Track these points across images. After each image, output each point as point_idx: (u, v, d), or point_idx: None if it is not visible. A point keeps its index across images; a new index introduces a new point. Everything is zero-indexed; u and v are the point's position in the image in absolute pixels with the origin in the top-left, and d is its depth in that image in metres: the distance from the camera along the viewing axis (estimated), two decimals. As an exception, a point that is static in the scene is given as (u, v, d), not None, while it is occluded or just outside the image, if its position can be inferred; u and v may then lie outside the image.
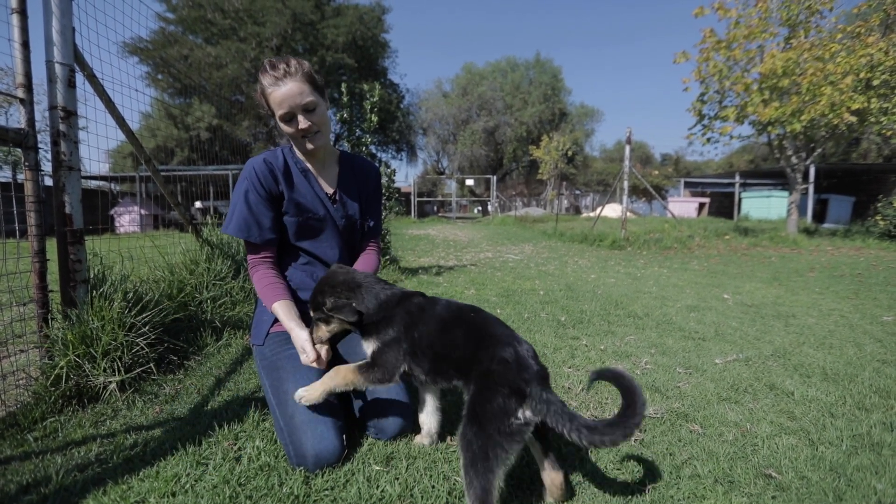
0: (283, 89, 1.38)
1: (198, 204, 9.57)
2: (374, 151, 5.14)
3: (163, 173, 2.83)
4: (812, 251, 7.34)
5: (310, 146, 1.49)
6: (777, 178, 19.41)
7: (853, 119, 7.69)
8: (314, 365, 1.35)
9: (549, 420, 1.02)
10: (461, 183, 29.21)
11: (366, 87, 4.78)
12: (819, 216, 15.73)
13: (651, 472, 1.29)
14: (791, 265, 5.77)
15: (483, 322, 1.22)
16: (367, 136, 4.74)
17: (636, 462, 1.34)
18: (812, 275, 4.97)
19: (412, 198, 21.78)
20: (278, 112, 1.42)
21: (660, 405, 1.72)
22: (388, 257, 4.97)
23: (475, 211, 30.89)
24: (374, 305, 1.28)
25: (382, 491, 1.19)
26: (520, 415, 1.02)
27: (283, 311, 1.42)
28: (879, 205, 9.28)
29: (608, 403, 1.74)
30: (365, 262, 1.69)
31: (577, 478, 1.27)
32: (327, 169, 1.65)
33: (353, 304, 1.27)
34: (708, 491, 1.21)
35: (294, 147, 1.61)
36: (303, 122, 1.42)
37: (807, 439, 1.48)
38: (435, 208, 29.18)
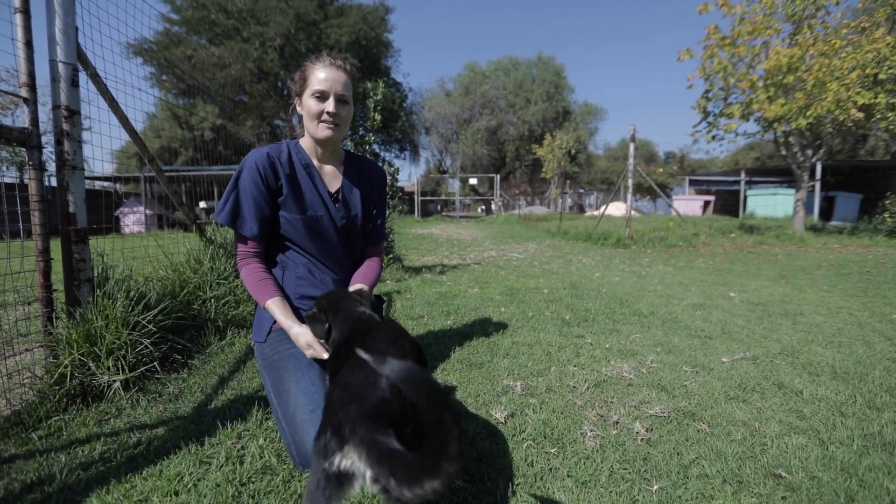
0: (331, 73, 1.45)
1: (202, 204, 9.61)
2: (377, 150, 5.14)
3: (167, 173, 2.83)
4: (819, 249, 7.27)
5: (326, 133, 1.49)
6: (783, 176, 19.27)
7: (860, 115, 7.61)
8: (324, 356, 1.35)
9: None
10: (464, 182, 29.19)
11: (369, 85, 4.77)
12: (826, 214, 15.61)
13: (658, 472, 1.27)
14: (798, 263, 5.71)
15: None
16: (371, 134, 4.73)
17: (643, 461, 1.33)
18: (819, 273, 4.92)
19: (415, 197, 21.78)
20: (315, 87, 1.44)
21: (666, 404, 1.70)
22: (391, 256, 4.97)
23: (479, 210, 30.83)
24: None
25: (386, 490, 1.18)
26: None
27: (279, 308, 1.42)
28: (888, 202, 9.18)
29: (613, 402, 1.72)
30: (365, 272, 1.67)
31: (582, 478, 1.25)
32: (332, 167, 1.64)
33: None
34: (716, 491, 1.19)
35: (301, 142, 1.60)
36: (331, 106, 1.46)
37: (817, 439, 1.46)
38: (438, 207, 29.17)
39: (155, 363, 1.91)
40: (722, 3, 8.63)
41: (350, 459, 0.76)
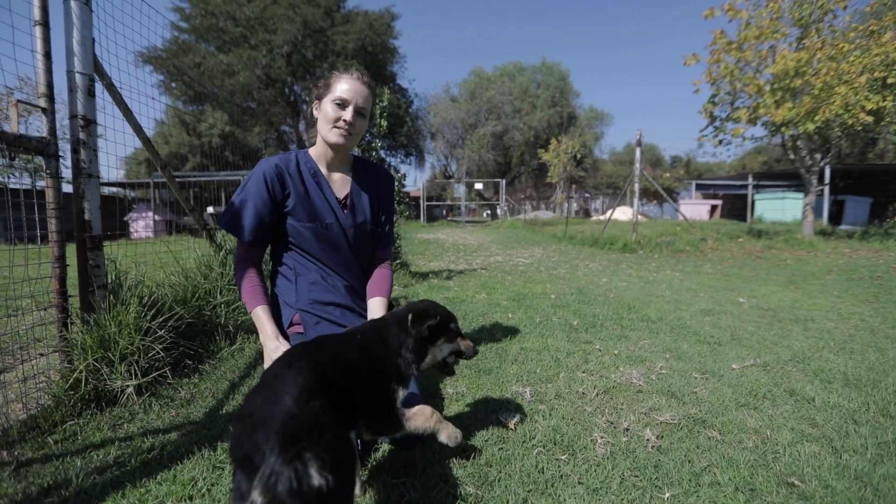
0: (356, 85, 1.53)
1: (210, 209, 9.69)
2: (383, 156, 5.17)
3: (176, 179, 2.86)
4: (829, 253, 7.20)
5: (338, 139, 1.54)
6: (791, 180, 19.12)
7: (869, 119, 7.55)
8: None
9: None
10: (470, 187, 29.24)
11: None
12: (835, 218, 15.43)
13: (669, 480, 1.27)
14: (807, 268, 5.66)
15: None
16: (377, 140, 4.76)
17: (654, 469, 1.32)
18: (830, 278, 4.87)
19: (421, 202, 21.84)
20: (337, 94, 1.52)
21: (677, 411, 1.69)
22: (398, 262, 4.98)
23: (484, 215, 30.85)
24: None
25: (400, 495, 1.19)
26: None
27: (266, 316, 1.45)
28: (898, 206, 9.08)
29: (623, 409, 1.72)
30: (380, 281, 1.68)
31: (593, 485, 1.25)
32: (341, 173, 1.66)
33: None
34: (728, 499, 1.19)
35: (310, 150, 1.63)
36: (349, 115, 1.53)
37: (830, 447, 1.45)
38: (444, 212, 29.23)
39: (167, 368, 1.93)
40: (728, 7, 8.63)
41: (264, 497, 0.70)
